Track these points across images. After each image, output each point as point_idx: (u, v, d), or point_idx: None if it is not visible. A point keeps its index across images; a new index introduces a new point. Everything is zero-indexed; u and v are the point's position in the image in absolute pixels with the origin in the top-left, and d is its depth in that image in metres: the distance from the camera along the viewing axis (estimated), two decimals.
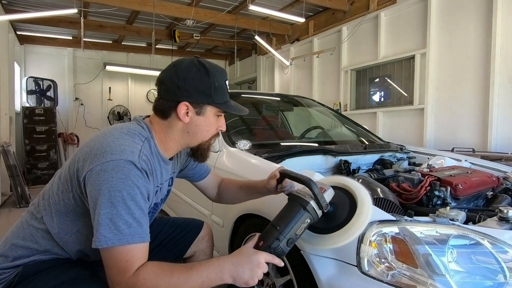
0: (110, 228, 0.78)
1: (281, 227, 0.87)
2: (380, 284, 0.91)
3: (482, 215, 1.21)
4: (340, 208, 0.95)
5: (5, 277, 0.94)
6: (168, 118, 0.97)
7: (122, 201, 0.80)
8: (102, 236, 0.78)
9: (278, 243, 0.85)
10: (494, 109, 3.28)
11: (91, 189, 0.82)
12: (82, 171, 0.85)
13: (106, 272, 0.81)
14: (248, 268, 0.83)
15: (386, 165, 1.95)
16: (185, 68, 0.94)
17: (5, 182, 4.43)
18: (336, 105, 5.08)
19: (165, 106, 0.95)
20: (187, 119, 0.95)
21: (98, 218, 0.79)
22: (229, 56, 8.19)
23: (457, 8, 3.61)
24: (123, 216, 0.80)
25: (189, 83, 0.93)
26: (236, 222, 1.52)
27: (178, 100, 0.93)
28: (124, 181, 0.81)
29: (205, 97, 0.95)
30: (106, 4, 4.53)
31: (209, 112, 0.98)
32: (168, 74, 0.96)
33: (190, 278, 0.80)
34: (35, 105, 5.87)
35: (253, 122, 2.45)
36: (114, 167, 0.81)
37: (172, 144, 1.01)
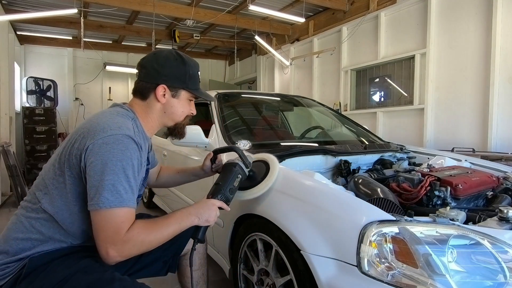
0: (112, 192, 0.89)
1: (222, 182, 1.16)
2: (380, 284, 0.91)
3: (482, 215, 1.21)
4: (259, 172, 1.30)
5: (10, 271, 0.95)
6: (147, 99, 1.11)
7: (122, 169, 0.92)
8: (105, 198, 0.88)
9: (223, 191, 1.14)
10: (494, 109, 3.28)
11: (93, 159, 0.91)
12: (83, 147, 0.93)
13: (99, 235, 0.89)
14: (206, 208, 1.08)
15: (386, 165, 1.95)
16: (164, 56, 1.10)
17: (5, 182, 4.43)
18: (336, 105, 5.08)
19: (145, 87, 1.10)
20: (163, 100, 1.11)
21: (102, 184, 0.89)
22: (229, 56, 8.19)
23: (457, 8, 3.61)
24: (123, 182, 0.91)
25: (167, 69, 1.09)
26: (236, 223, 1.52)
27: (157, 83, 1.09)
28: (124, 152, 0.93)
29: (181, 83, 1.11)
30: (106, 4, 4.53)
31: (183, 96, 1.14)
32: (149, 60, 1.10)
33: (170, 224, 1.00)
34: (35, 105, 5.86)
35: (253, 122, 2.45)
36: (115, 140, 0.93)
37: (152, 123, 1.15)
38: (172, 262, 1.32)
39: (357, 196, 1.26)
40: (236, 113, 2.37)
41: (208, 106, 2.21)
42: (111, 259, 0.89)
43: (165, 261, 1.30)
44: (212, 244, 1.86)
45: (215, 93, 2.30)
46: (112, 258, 0.89)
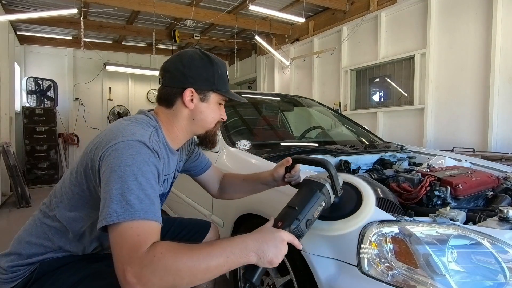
0: (121, 203, 0.74)
1: (299, 208, 0.86)
2: (380, 284, 0.91)
3: (482, 215, 1.21)
4: (346, 200, 0.96)
5: (21, 274, 0.94)
6: (173, 106, 0.99)
7: (133, 175, 0.77)
8: (113, 211, 0.73)
9: (298, 223, 0.83)
10: (494, 109, 3.28)
11: (104, 170, 0.80)
12: (96, 158, 0.85)
13: (115, 254, 0.72)
14: (272, 245, 0.78)
15: (386, 165, 1.95)
16: (189, 57, 0.98)
17: (5, 182, 4.43)
18: (336, 105, 5.08)
19: (171, 93, 0.98)
20: (192, 106, 0.98)
21: (109, 195, 0.75)
22: (229, 56, 8.19)
23: (457, 8, 3.61)
24: (134, 191, 0.76)
25: (194, 70, 0.97)
26: (236, 222, 1.52)
27: (184, 87, 0.96)
28: (134, 157, 0.80)
29: (209, 84, 0.99)
30: (106, 4, 4.53)
31: (213, 99, 1.01)
32: (173, 63, 0.99)
33: (213, 253, 0.73)
34: (35, 105, 5.87)
35: (253, 122, 2.45)
36: (124, 146, 0.81)
37: (179, 133, 1.02)
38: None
39: None
40: (236, 113, 2.37)
41: None
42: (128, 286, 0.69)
43: None
44: None
45: None
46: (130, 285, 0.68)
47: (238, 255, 0.75)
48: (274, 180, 1.15)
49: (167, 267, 0.69)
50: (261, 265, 0.79)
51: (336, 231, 0.92)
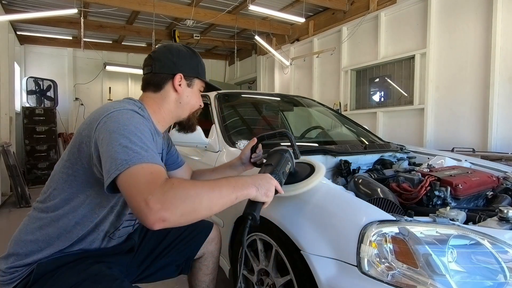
0: (127, 153, 0.78)
1: (274, 164, 1.04)
2: (380, 284, 0.91)
3: (482, 215, 1.21)
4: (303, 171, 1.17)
5: (19, 275, 0.94)
6: (161, 90, 1.09)
7: (133, 133, 0.83)
8: (122, 160, 0.76)
9: (277, 172, 1.00)
10: (494, 109, 3.28)
11: (102, 136, 0.84)
12: (91, 132, 0.88)
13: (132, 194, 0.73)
14: (264, 181, 0.92)
15: (386, 165, 1.95)
16: (176, 48, 1.12)
17: (5, 182, 4.43)
18: (336, 105, 5.08)
19: (161, 79, 1.08)
20: (180, 90, 1.09)
21: (113, 151, 0.78)
22: (229, 56, 8.19)
23: (457, 8, 3.61)
24: (137, 143, 0.81)
25: (182, 59, 1.10)
26: (236, 222, 1.52)
27: (174, 73, 1.08)
28: (130, 120, 0.87)
29: (194, 72, 1.13)
30: (106, 4, 4.53)
31: (196, 85, 1.14)
32: (163, 53, 1.10)
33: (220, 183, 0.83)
34: (35, 105, 5.87)
35: (253, 122, 2.45)
36: (118, 113, 0.88)
37: (165, 115, 1.11)
38: (185, 266, 1.30)
39: (357, 196, 1.26)
40: (236, 113, 2.37)
41: (208, 106, 2.21)
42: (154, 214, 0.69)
43: (178, 264, 1.28)
44: None
45: (215, 93, 2.30)
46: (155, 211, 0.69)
47: (241, 186, 0.86)
48: (242, 164, 1.29)
49: (187, 191, 0.75)
50: (259, 198, 0.90)
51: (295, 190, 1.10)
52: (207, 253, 1.34)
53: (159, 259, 1.24)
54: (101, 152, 0.83)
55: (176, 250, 1.27)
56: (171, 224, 0.71)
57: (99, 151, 0.84)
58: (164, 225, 0.70)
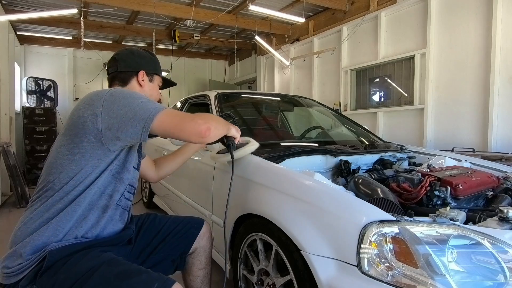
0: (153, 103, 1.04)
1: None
2: (380, 284, 0.91)
3: (482, 215, 1.21)
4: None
5: (27, 264, 0.95)
6: (127, 86, 1.27)
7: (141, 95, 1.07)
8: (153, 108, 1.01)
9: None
10: (494, 109, 3.28)
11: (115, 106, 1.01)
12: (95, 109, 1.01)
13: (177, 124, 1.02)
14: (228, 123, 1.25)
15: (386, 165, 1.95)
16: (137, 50, 1.33)
17: (5, 182, 4.43)
18: (336, 105, 5.08)
19: (126, 75, 1.27)
20: (144, 84, 1.30)
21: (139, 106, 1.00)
22: (229, 56, 8.19)
23: (457, 8, 3.61)
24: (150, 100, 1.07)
25: (143, 59, 1.32)
26: (236, 222, 1.52)
27: (137, 70, 1.28)
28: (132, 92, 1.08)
29: (154, 69, 1.34)
30: (106, 4, 4.53)
31: (156, 80, 1.36)
32: (126, 55, 1.30)
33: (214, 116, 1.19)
34: (35, 105, 5.86)
35: (253, 122, 2.45)
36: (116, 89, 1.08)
37: None
38: (180, 261, 1.36)
39: (357, 196, 1.26)
40: (236, 113, 2.36)
41: (208, 106, 2.21)
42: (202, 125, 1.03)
43: (173, 259, 1.33)
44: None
45: (215, 93, 2.30)
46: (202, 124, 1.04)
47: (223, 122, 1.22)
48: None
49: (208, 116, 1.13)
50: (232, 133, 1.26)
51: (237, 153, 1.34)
52: (199, 248, 1.40)
53: (155, 253, 1.29)
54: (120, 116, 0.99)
55: (170, 245, 1.33)
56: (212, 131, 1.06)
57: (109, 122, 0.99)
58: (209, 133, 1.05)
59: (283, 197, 1.26)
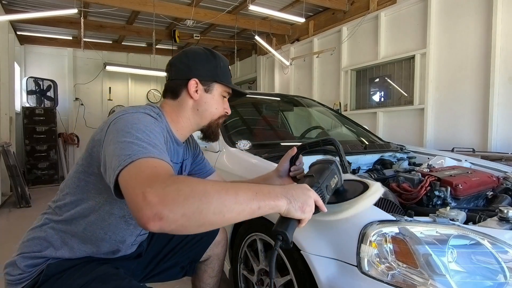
0: (132, 148, 0.71)
1: (316, 175, 0.86)
2: (380, 284, 0.91)
3: (482, 215, 1.21)
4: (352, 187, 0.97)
5: (28, 276, 0.93)
6: (178, 97, 1.03)
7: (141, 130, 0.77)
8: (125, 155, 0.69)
9: (318, 185, 0.82)
10: (494, 109, 3.28)
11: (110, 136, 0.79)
12: (103, 137, 0.84)
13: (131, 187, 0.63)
14: (300, 192, 0.74)
15: (386, 165, 1.95)
16: (193, 51, 1.06)
17: (5, 182, 4.43)
18: (336, 105, 5.08)
19: (176, 85, 1.03)
20: (196, 96, 1.03)
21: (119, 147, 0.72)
22: (229, 56, 8.19)
23: (457, 8, 3.61)
24: (144, 139, 0.74)
25: (198, 62, 1.03)
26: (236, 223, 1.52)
27: (188, 78, 1.02)
28: (140, 119, 0.82)
29: (212, 75, 1.04)
30: (106, 4, 4.53)
31: (216, 90, 1.06)
32: (178, 57, 1.06)
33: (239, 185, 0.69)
34: (35, 105, 5.87)
35: (253, 122, 2.45)
36: (129, 115, 0.84)
37: (184, 123, 1.05)
38: (189, 268, 1.29)
39: None
40: (236, 113, 2.37)
41: None
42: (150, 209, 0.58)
43: (182, 266, 1.26)
44: None
45: None
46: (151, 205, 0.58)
47: (267, 194, 0.69)
48: (279, 177, 1.12)
49: (193, 187, 0.62)
50: (293, 213, 0.72)
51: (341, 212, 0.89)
52: (213, 256, 1.33)
53: (164, 261, 1.22)
54: (107, 152, 0.76)
55: (181, 252, 1.25)
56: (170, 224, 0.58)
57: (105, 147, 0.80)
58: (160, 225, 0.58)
59: None
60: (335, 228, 1.05)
